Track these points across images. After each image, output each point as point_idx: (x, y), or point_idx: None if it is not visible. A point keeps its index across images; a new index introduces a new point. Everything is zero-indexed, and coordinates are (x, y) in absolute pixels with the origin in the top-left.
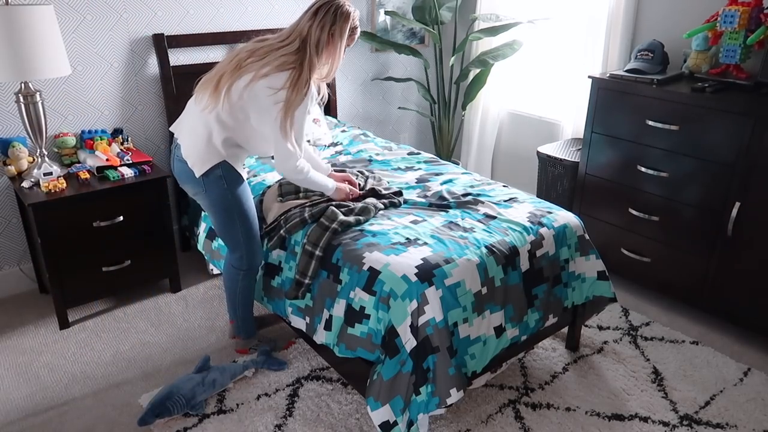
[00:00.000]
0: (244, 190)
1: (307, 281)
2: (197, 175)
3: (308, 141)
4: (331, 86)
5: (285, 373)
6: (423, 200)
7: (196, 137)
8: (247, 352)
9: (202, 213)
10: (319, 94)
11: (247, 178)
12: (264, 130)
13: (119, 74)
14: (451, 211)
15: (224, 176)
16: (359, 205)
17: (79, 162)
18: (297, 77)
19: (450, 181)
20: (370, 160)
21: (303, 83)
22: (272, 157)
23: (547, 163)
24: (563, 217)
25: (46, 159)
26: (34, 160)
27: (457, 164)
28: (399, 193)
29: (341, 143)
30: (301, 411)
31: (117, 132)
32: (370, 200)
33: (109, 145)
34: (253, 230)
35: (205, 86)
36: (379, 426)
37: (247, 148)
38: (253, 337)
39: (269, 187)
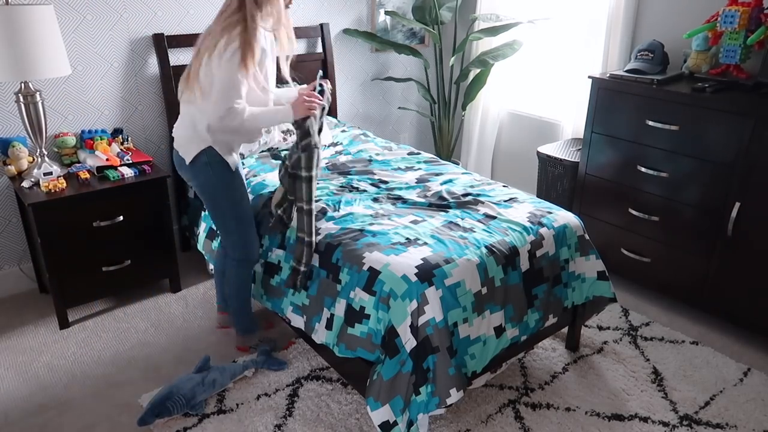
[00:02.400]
0: (233, 179)
1: (302, 269)
2: (187, 162)
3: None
4: (332, 86)
5: (285, 373)
6: (423, 200)
7: (183, 126)
8: (248, 351)
9: (202, 213)
10: (284, 47)
11: (247, 178)
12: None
13: (119, 74)
14: (451, 211)
15: (210, 163)
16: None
17: (79, 162)
18: (243, 32)
19: (450, 181)
20: (370, 160)
21: (250, 37)
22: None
23: (547, 163)
24: (563, 217)
25: (46, 159)
26: (34, 160)
27: (457, 164)
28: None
29: (341, 143)
30: (301, 411)
31: (117, 132)
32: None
33: (109, 145)
34: (244, 219)
35: (182, 79)
36: (379, 426)
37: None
38: (252, 334)
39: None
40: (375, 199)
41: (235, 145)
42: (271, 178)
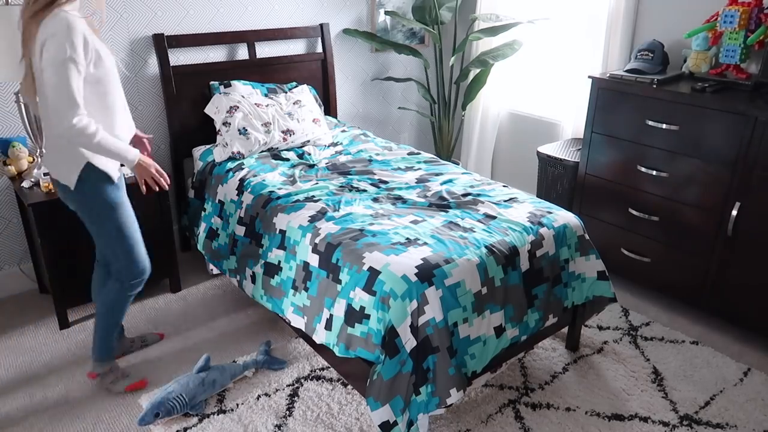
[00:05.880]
0: (119, 194)
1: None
2: (71, 187)
3: (308, 141)
4: (331, 86)
5: (285, 373)
6: (423, 200)
7: (52, 148)
8: (96, 378)
9: (202, 213)
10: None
11: (247, 178)
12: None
13: (119, 74)
14: (451, 211)
15: (94, 182)
16: None
17: None
18: (55, 19)
19: (450, 181)
20: (370, 160)
21: (65, 23)
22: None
23: (547, 163)
24: (563, 217)
25: None
26: (34, 160)
27: (457, 164)
28: None
29: (341, 143)
30: (301, 411)
31: None
32: None
33: None
34: (135, 237)
35: (23, 92)
36: (379, 426)
37: None
38: (109, 362)
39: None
40: (375, 199)
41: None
42: (271, 178)
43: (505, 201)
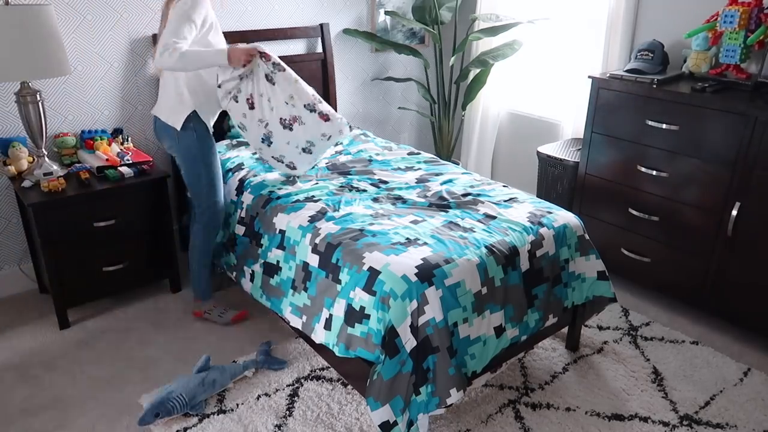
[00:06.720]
0: (211, 144)
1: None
2: (178, 128)
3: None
4: (331, 86)
5: (285, 373)
6: (423, 200)
7: (167, 95)
8: (202, 315)
9: None
10: None
11: (247, 178)
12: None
13: (119, 74)
14: (451, 211)
15: (194, 128)
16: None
17: (79, 162)
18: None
19: (450, 181)
20: (370, 160)
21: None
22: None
23: (547, 163)
24: (563, 217)
25: (46, 159)
26: (34, 160)
27: (457, 164)
28: None
29: (341, 143)
30: (301, 411)
31: (117, 132)
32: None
33: (109, 145)
34: (217, 183)
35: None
36: (379, 426)
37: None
38: (208, 300)
39: None
40: (375, 199)
41: (215, 110)
42: (271, 178)
43: (505, 201)
